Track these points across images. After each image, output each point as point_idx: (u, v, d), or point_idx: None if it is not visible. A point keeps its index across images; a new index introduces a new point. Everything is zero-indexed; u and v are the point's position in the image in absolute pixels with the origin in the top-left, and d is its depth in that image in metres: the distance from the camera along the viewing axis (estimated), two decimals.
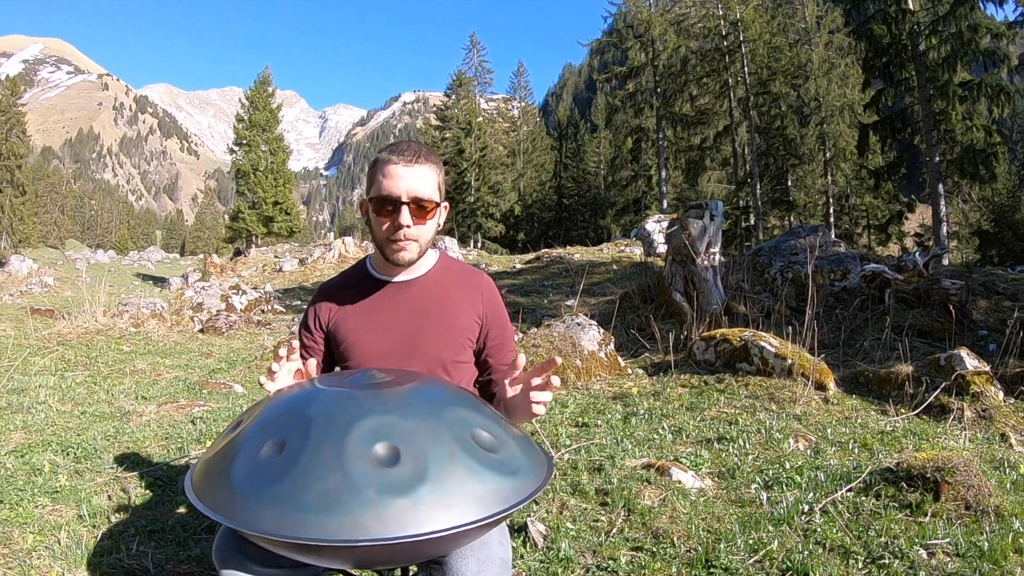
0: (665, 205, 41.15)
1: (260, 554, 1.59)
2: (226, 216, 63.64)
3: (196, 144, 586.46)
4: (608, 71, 45.98)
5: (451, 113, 58.26)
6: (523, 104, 68.08)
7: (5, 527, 3.33)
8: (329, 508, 1.29)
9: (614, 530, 3.25)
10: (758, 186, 37.29)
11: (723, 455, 4.24)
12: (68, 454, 4.53)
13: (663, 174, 42.83)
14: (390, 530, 1.27)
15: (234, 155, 46.99)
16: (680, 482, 3.73)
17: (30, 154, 58.04)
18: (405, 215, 2.02)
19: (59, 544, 3.23)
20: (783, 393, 5.54)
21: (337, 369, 1.99)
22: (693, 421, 5.05)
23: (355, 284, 2.26)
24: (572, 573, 2.92)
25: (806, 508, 3.30)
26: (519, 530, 3.26)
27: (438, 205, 2.10)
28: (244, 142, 46.17)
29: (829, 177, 39.51)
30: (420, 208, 2.04)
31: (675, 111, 41.16)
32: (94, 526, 3.47)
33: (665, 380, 6.41)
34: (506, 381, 2.02)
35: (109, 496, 3.88)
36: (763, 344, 6.18)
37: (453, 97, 58.76)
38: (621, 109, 45.24)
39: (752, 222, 37.69)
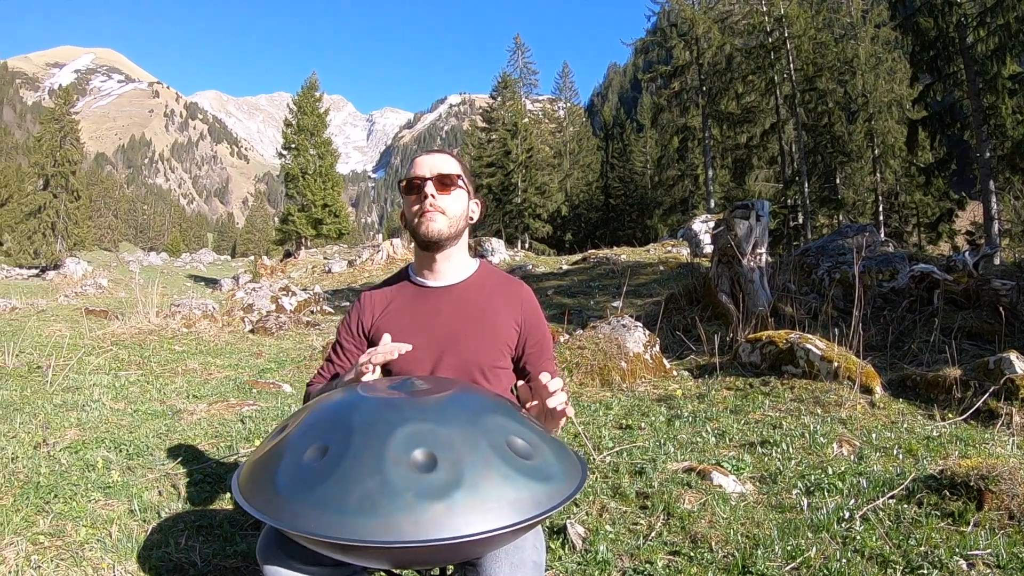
0: (712, 205, 40.67)
1: (302, 552, 1.67)
2: (276, 219, 64.44)
3: (246, 149, 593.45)
4: (653, 70, 45.76)
5: (497, 115, 58.36)
6: (569, 105, 67.90)
7: (59, 520, 3.44)
8: (368, 511, 1.35)
9: (653, 534, 3.25)
10: (806, 184, 36.71)
11: (765, 459, 4.21)
12: (120, 451, 4.63)
13: (710, 173, 42.37)
14: (426, 533, 1.33)
15: (283, 159, 47.61)
16: (721, 486, 3.71)
17: (84, 160, 59.32)
18: (429, 187, 2.19)
19: (110, 537, 3.33)
20: (828, 396, 5.49)
21: (379, 373, 2.06)
22: (737, 424, 5.02)
23: (396, 290, 2.36)
24: None
25: (846, 515, 3.24)
26: (558, 532, 3.28)
27: (460, 181, 2.26)
28: (293, 146, 46.72)
29: (878, 174, 38.60)
30: (443, 184, 2.22)
31: (721, 109, 40.80)
32: (144, 521, 3.57)
33: (710, 382, 6.38)
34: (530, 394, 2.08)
35: (160, 492, 3.98)
36: (809, 346, 6.13)
37: (499, 99, 58.85)
38: (667, 108, 45.00)
39: (801, 221, 37.20)
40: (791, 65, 37.09)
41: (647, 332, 7.21)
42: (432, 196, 2.19)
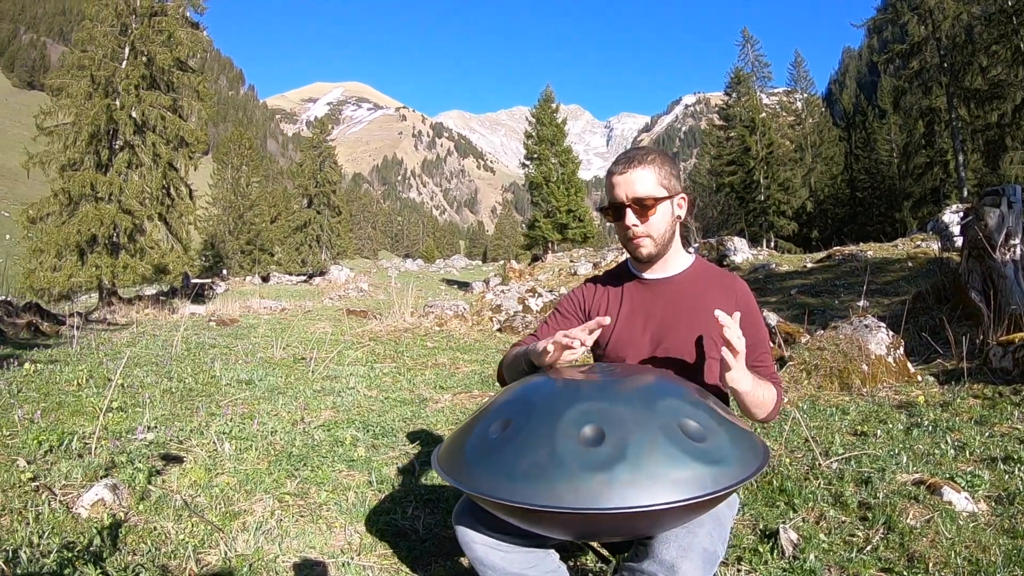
0: (965, 193, 36.59)
1: (491, 520, 1.91)
2: (523, 225, 66.73)
3: (491, 161, 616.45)
4: (888, 50, 42.47)
5: (733, 112, 56.99)
6: (805, 95, 64.72)
7: (304, 484, 4.04)
8: (534, 477, 1.49)
9: (868, 547, 3.15)
10: None
11: (1006, 477, 3.84)
12: (368, 431, 5.25)
13: (960, 159, 38.34)
14: (584, 502, 1.43)
15: (526, 169, 49.31)
16: (951, 503, 3.49)
17: (343, 180, 65.74)
18: (629, 216, 2.20)
19: (346, 501, 3.85)
20: None
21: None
22: (980, 437, 4.62)
23: (616, 280, 2.47)
24: None
25: None
26: (769, 536, 3.25)
27: (659, 200, 2.21)
28: (534, 156, 48.29)
29: None
30: (641, 207, 2.19)
31: (966, 86, 36.80)
32: (379, 491, 4.05)
33: (956, 389, 5.94)
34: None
35: (398, 468, 4.48)
36: None
37: (733, 95, 57.44)
38: (908, 90, 41.25)
39: None
40: None
41: (891, 333, 6.90)
42: (634, 226, 2.21)
